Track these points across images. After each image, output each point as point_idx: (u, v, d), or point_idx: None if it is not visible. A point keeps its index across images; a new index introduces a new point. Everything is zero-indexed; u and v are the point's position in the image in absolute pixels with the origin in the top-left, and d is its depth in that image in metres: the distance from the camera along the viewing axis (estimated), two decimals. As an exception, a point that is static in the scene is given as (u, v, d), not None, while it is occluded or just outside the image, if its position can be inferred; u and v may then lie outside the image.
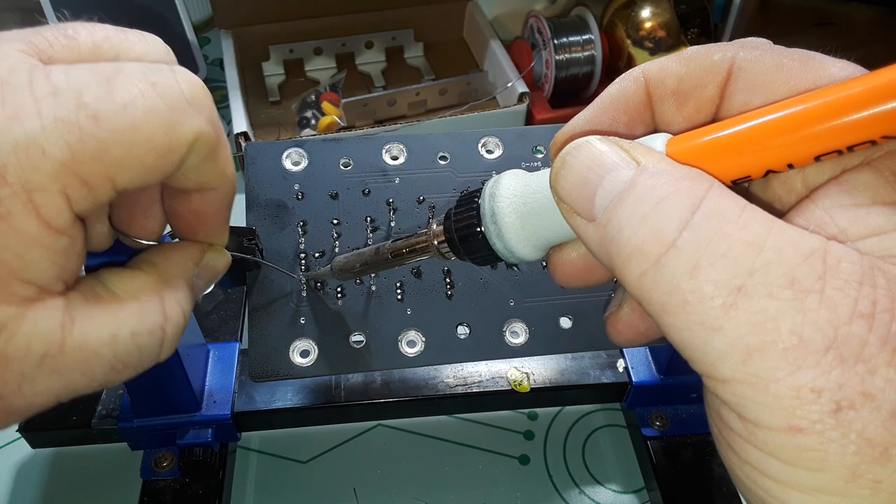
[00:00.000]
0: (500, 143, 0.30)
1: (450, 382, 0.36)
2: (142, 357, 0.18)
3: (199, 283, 0.21)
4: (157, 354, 0.19)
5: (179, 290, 0.20)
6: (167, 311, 0.19)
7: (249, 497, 0.36)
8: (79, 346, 0.17)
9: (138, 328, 0.18)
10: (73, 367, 0.17)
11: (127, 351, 0.18)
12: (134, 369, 0.18)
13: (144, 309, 0.19)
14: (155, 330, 0.19)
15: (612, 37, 0.55)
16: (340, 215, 0.29)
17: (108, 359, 0.18)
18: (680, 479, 0.34)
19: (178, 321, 0.19)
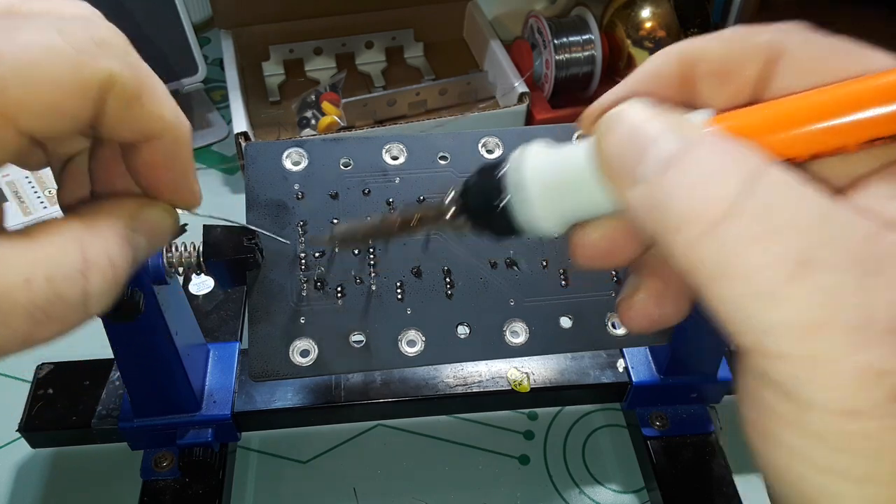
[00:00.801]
0: (500, 143, 0.30)
1: (450, 382, 0.36)
2: (64, 306, 0.17)
3: (138, 240, 0.19)
4: (83, 306, 0.17)
5: (106, 240, 0.18)
6: (88, 256, 0.17)
7: (249, 497, 0.36)
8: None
9: (54, 272, 0.17)
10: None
11: (45, 297, 0.16)
12: (59, 323, 0.17)
13: (60, 252, 0.17)
14: (73, 275, 0.17)
15: (612, 37, 0.55)
16: (340, 215, 0.29)
17: (25, 305, 0.16)
18: (680, 479, 0.34)
19: (103, 270, 0.18)
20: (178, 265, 0.28)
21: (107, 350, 0.29)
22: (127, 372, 0.31)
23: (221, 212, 0.53)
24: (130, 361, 0.30)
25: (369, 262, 0.28)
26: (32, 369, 0.36)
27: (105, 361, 0.36)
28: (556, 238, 0.29)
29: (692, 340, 0.33)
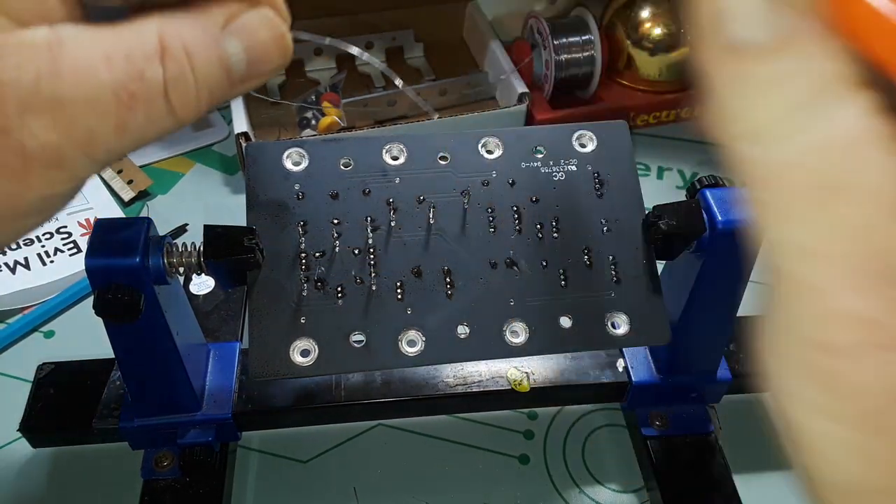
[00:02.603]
0: (500, 143, 0.30)
1: (450, 382, 0.36)
2: (146, 89, 0.17)
3: (233, 46, 0.18)
4: (164, 95, 0.17)
5: (187, 32, 0.18)
6: (167, 42, 0.17)
7: (249, 497, 0.36)
8: (72, 64, 0.16)
9: (133, 51, 0.16)
10: (73, 92, 0.16)
11: (126, 75, 0.16)
12: (144, 107, 0.17)
13: (140, 33, 0.17)
14: (151, 55, 0.17)
15: (612, 37, 0.55)
16: (340, 215, 0.29)
17: (110, 83, 0.16)
18: (680, 478, 0.34)
19: (179, 58, 0.17)
20: (178, 265, 0.28)
21: (107, 350, 0.29)
22: (127, 372, 0.31)
23: (221, 212, 0.53)
24: (131, 361, 0.31)
25: (369, 262, 0.28)
26: (33, 369, 0.36)
27: (105, 361, 0.36)
28: (555, 238, 0.29)
29: (692, 340, 0.33)
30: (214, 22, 0.18)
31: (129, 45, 0.17)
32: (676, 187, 0.52)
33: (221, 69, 0.18)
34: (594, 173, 0.30)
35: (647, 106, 0.56)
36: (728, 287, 0.31)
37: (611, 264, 0.29)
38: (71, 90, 0.16)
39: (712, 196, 0.29)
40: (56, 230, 0.46)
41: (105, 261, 0.26)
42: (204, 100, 0.18)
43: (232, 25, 0.18)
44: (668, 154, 0.55)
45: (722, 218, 0.29)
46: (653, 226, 0.29)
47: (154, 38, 0.17)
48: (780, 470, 0.37)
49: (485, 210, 0.30)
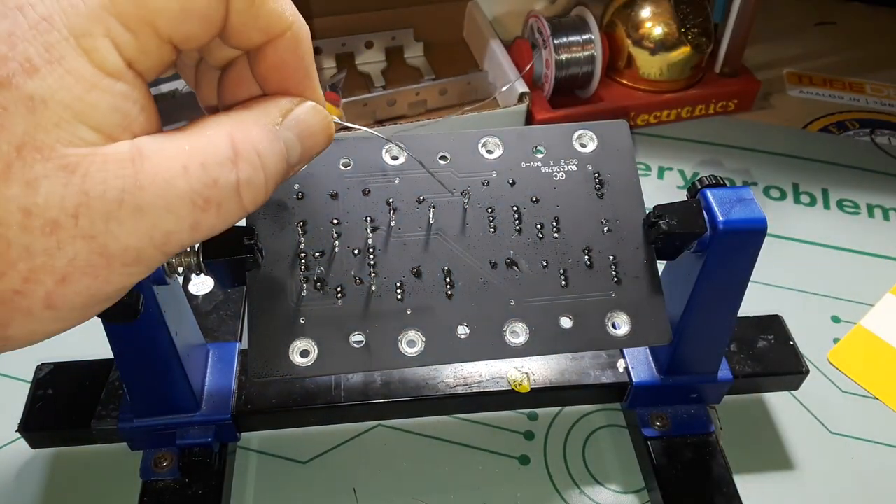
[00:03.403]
0: (500, 143, 0.30)
1: (450, 382, 0.36)
2: (220, 192, 0.18)
3: (288, 137, 0.21)
4: (237, 195, 0.19)
5: (253, 132, 0.20)
6: (237, 145, 0.19)
7: (249, 497, 0.36)
8: (153, 177, 0.17)
9: (207, 159, 0.18)
10: (153, 202, 0.17)
11: (202, 182, 0.18)
12: (217, 209, 0.18)
13: (210, 142, 0.19)
14: (224, 162, 0.18)
15: (613, 37, 0.55)
16: (340, 215, 0.29)
17: (187, 191, 0.18)
18: (680, 479, 0.34)
19: (251, 160, 0.19)
20: (177, 265, 0.27)
21: (107, 350, 0.29)
22: (127, 372, 0.31)
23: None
24: (130, 362, 0.30)
25: (369, 262, 0.28)
26: (32, 369, 0.36)
27: (105, 361, 0.36)
28: (555, 238, 0.29)
29: (692, 340, 0.33)
30: (274, 119, 0.20)
31: (204, 154, 0.18)
32: (677, 187, 0.52)
33: (283, 161, 0.20)
34: (594, 173, 0.30)
35: (648, 105, 0.56)
36: (728, 287, 0.31)
37: (611, 264, 0.29)
38: (152, 200, 0.17)
39: (713, 196, 0.29)
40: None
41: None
42: (270, 191, 0.20)
43: (287, 121, 0.21)
44: (669, 154, 0.55)
45: (722, 218, 0.28)
46: (653, 226, 0.29)
47: (227, 144, 0.19)
48: (781, 470, 0.37)
49: (485, 210, 0.29)
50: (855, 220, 0.50)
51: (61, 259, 0.17)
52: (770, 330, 0.39)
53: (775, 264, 0.46)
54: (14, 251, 0.16)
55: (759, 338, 0.38)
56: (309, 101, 0.22)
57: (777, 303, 0.44)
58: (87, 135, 0.17)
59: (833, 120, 0.59)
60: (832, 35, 0.67)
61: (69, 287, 0.17)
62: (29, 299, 0.17)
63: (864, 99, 0.61)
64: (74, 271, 0.17)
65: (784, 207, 0.51)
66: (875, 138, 0.57)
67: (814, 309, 0.44)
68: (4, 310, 0.17)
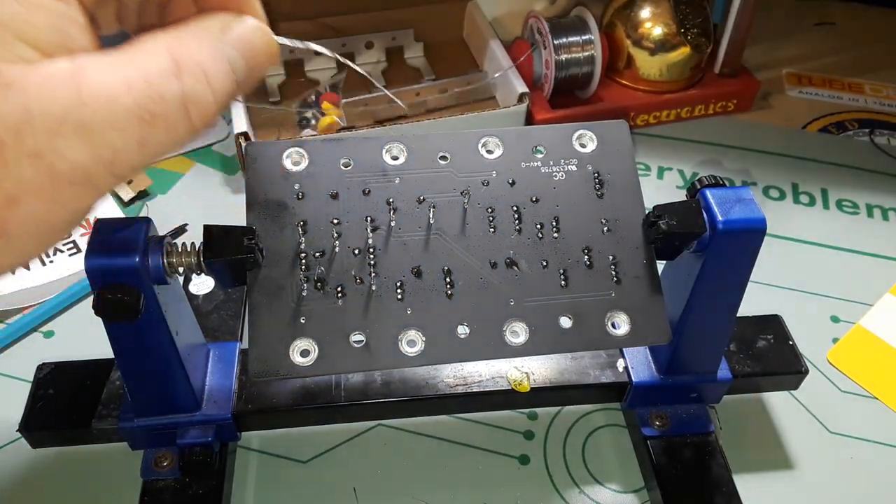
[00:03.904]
0: (500, 143, 0.30)
1: (450, 382, 0.36)
2: (166, 106, 0.18)
3: (232, 54, 0.20)
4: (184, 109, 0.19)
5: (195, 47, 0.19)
6: (179, 58, 0.19)
7: (249, 497, 0.36)
8: (95, 93, 0.17)
9: (150, 73, 0.18)
10: (98, 118, 0.17)
11: (147, 96, 0.18)
12: (165, 124, 0.18)
13: (151, 57, 0.18)
14: (168, 75, 0.18)
15: (612, 37, 0.55)
16: (340, 215, 0.29)
17: (131, 105, 0.17)
18: (680, 478, 0.34)
19: (195, 73, 0.19)
20: (178, 265, 0.28)
21: (107, 350, 0.29)
22: (127, 372, 0.31)
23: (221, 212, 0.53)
24: (130, 361, 0.30)
25: (369, 262, 0.28)
26: (33, 369, 0.36)
27: (105, 361, 0.36)
28: (555, 238, 0.29)
29: (692, 340, 0.33)
30: (213, 34, 0.20)
31: (145, 68, 0.18)
32: (676, 187, 0.52)
33: (229, 76, 0.20)
34: (594, 173, 0.30)
35: (647, 106, 0.56)
36: (728, 287, 0.31)
37: (611, 264, 0.29)
38: (96, 116, 0.17)
39: (712, 196, 0.29)
40: (56, 230, 0.46)
41: (105, 261, 0.26)
42: (219, 107, 0.20)
43: (228, 36, 0.20)
44: (669, 154, 0.55)
45: (722, 218, 0.29)
46: (653, 226, 0.29)
47: (167, 58, 0.18)
48: (780, 470, 0.37)
49: (485, 210, 0.30)
50: (854, 220, 0.50)
51: (7, 179, 0.16)
52: (769, 330, 0.39)
53: (775, 264, 0.46)
54: None
55: (759, 337, 0.38)
56: (249, 16, 0.21)
57: (776, 303, 0.44)
58: (26, 52, 0.17)
59: (832, 120, 0.59)
60: (831, 35, 0.67)
61: (19, 210, 0.17)
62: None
63: (864, 99, 0.61)
64: (23, 193, 0.17)
65: (783, 207, 0.51)
66: (874, 138, 0.57)
67: (813, 309, 0.45)
68: None
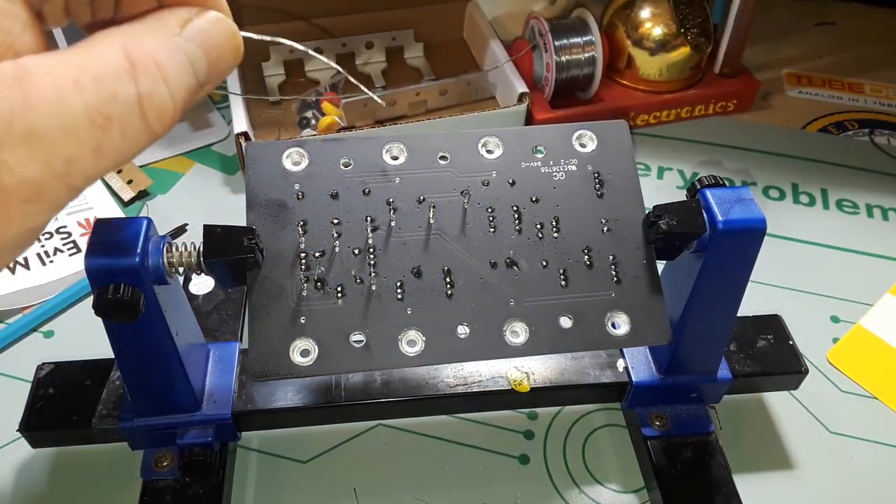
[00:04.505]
0: (500, 143, 0.30)
1: (450, 382, 0.36)
2: (120, 108, 0.17)
3: (192, 50, 0.18)
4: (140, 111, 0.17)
5: (150, 43, 0.18)
6: (133, 56, 0.17)
7: (249, 497, 0.36)
8: (42, 95, 0.16)
9: (101, 72, 0.16)
10: (47, 122, 0.15)
11: (98, 97, 0.16)
12: (120, 127, 0.17)
13: (102, 54, 0.17)
14: (120, 74, 0.17)
15: (612, 37, 0.55)
16: (341, 215, 0.29)
17: (82, 108, 0.16)
18: (680, 478, 0.34)
19: (151, 72, 0.17)
20: (178, 265, 0.28)
21: (107, 350, 0.29)
22: (127, 372, 0.31)
23: (221, 212, 0.53)
24: (131, 361, 0.30)
25: (369, 262, 0.28)
26: (33, 369, 0.36)
27: (105, 361, 0.36)
28: (555, 237, 0.29)
29: (692, 340, 0.33)
30: (171, 30, 0.18)
31: (96, 66, 0.16)
32: (676, 187, 0.52)
33: (189, 75, 0.18)
34: (594, 173, 0.30)
35: (647, 106, 0.56)
36: (728, 287, 0.31)
37: (611, 264, 0.29)
38: (44, 121, 0.15)
39: (712, 196, 0.29)
40: (56, 230, 0.46)
41: (104, 261, 0.26)
42: (179, 109, 0.18)
43: (187, 31, 0.18)
44: (668, 154, 0.55)
45: (722, 218, 0.29)
46: (653, 226, 0.29)
47: (120, 55, 0.17)
48: (780, 470, 0.37)
49: (485, 210, 0.30)
50: (854, 220, 0.50)
51: None
52: (769, 330, 0.39)
53: (775, 264, 0.47)
54: None
55: (759, 337, 0.38)
56: (211, 10, 0.19)
57: (776, 303, 0.44)
58: None
59: (832, 120, 0.59)
60: (831, 35, 0.67)
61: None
62: None
63: (863, 99, 0.61)
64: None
65: (783, 207, 0.51)
66: (874, 138, 0.57)
67: (813, 309, 0.45)
68: None
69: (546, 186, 0.30)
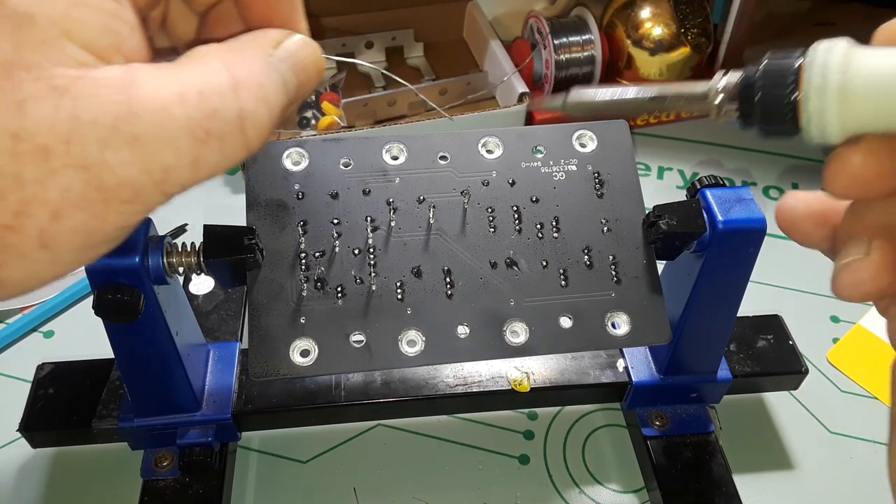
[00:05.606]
0: (500, 143, 0.30)
1: (450, 382, 0.36)
2: (221, 123, 0.17)
3: (284, 70, 0.19)
4: (240, 127, 0.18)
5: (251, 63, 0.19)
6: (236, 74, 0.18)
7: (249, 497, 0.36)
8: (147, 104, 0.16)
9: (205, 87, 0.17)
10: (150, 131, 0.16)
11: (201, 111, 0.17)
12: (220, 143, 0.17)
13: (207, 70, 0.18)
14: (224, 90, 0.17)
15: (612, 37, 0.55)
16: (341, 215, 0.29)
17: (184, 120, 0.17)
18: (680, 478, 0.34)
19: (253, 90, 0.18)
20: (178, 265, 0.28)
21: (107, 350, 0.29)
22: (127, 372, 0.31)
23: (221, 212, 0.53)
24: (131, 361, 0.30)
25: (369, 262, 0.28)
26: (33, 369, 0.36)
27: (105, 361, 0.36)
28: (555, 237, 0.29)
29: (692, 340, 0.33)
30: (266, 51, 0.19)
31: (200, 82, 0.17)
32: (676, 187, 0.52)
33: (283, 93, 0.19)
34: (594, 173, 0.30)
35: (648, 106, 0.56)
36: (728, 287, 0.31)
37: (611, 264, 0.29)
38: (147, 129, 0.16)
39: (712, 196, 0.29)
40: (56, 230, 0.46)
41: (105, 261, 0.26)
42: (273, 125, 0.19)
43: (279, 52, 0.19)
44: (668, 154, 0.55)
45: (722, 218, 0.29)
46: (653, 226, 0.29)
47: (224, 73, 0.18)
48: (780, 470, 0.37)
49: (485, 210, 0.30)
50: (854, 220, 0.50)
51: (53, 189, 0.15)
52: (769, 330, 0.39)
53: (775, 264, 0.46)
54: (3, 181, 0.15)
55: (759, 337, 0.38)
56: (297, 33, 0.21)
57: (776, 303, 0.44)
58: (77, 53, 0.16)
59: (832, 120, 0.59)
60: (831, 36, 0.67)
61: (63, 223, 0.16)
62: (21, 236, 0.16)
63: (864, 99, 0.61)
64: (68, 205, 0.16)
65: (783, 207, 0.51)
66: (874, 138, 0.57)
67: (813, 309, 0.45)
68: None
69: (546, 186, 0.30)
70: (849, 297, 0.18)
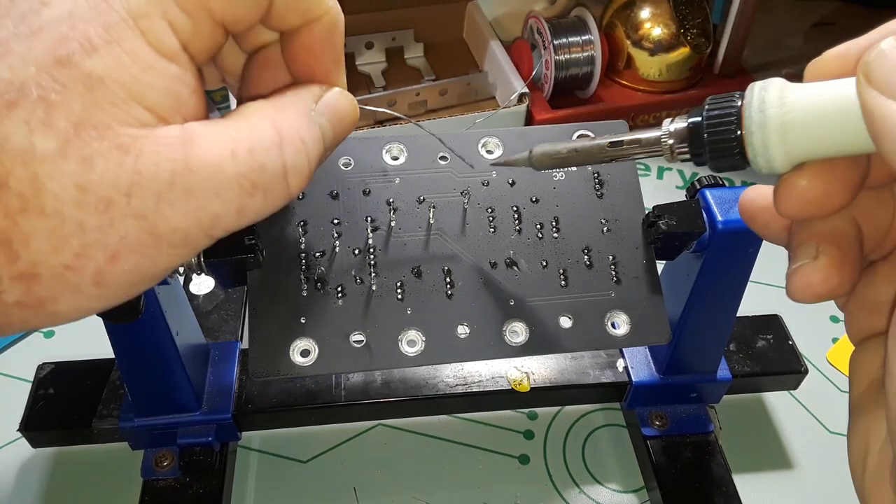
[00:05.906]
0: (500, 143, 0.30)
1: (450, 382, 0.36)
2: (267, 177, 0.19)
3: (323, 123, 0.21)
4: (284, 179, 0.19)
5: (294, 119, 0.20)
6: (282, 131, 0.19)
7: (249, 497, 0.36)
8: (202, 161, 0.18)
9: (254, 145, 0.19)
10: (203, 185, 0.18)
11: (250, 167, 0.18)
12: (264, 194, 0.19)
13: (256, 128, 0.19)
14: (271, 147, 0.19)
15: (612, 37, 0.55)
16: (341, 215, 0.29)
17: (234, 175, 0.18)
18: (679, 478, 0.34)
19: (296, 144, 0.20)
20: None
21: (107, 350, 0.29)
22: (127, 372, 0.31)
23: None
24: (131, 361, 0.31)
25: (369, 262, 0.28)
26: (33, 369, 0.36)
27: (105, 361, 0.36)
28: (555, 238, 0.29)
29: (691, 340, 0.33)
30: (308, 105, 0.21)
31: (250, 139, 0.19)
32: (676, 187, 0.53)
33: (321, 144, 0.21)
34: (594, 173, 0.30)
35: (647, 106, 0.56)
36: (728, 287, 0.31)
37: (611, 264, 0.29)
38: (201, 183, 0.18)
39: (712, 196, 0.29)
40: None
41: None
42: (312, 175, 0.21)
43: (319, 106, 0.22)
44: (668, 154, 0.55)
45: (722, 218, 0.29)
46: (653, 225, 0.29)
47: (272, 131, 0.19)
48: (780, 469, 0.37)
49: (485, 210, 0.30)
50: (854, 221, 0.50)
51: (113, 236, 0.17)
52: (769, 329, 0.39)
53: (775, 264, 0.46)
54: (67, 226, 0.16)
55: (759, 337, 0.38)
56: (336, 86, 0.23)
57: (776, 303, 0.44)
58: (141, 115, 0.17)
59: (832, 120, 0.59)
60: (831, 35, 0.67)
61: (118, 265, 0.17)
62: (79, 275, 0.17)
63: (863, 99, 0.61)
64: (124, 249, 0.17)
65: (783, 207, 0.51)
66: (874, 138, 0.57)
67: (812, 308, 0.45)
68: (55, 284, 0.17)
69: (546, 186, 0.30)
70: (802, 299, 0.19)
